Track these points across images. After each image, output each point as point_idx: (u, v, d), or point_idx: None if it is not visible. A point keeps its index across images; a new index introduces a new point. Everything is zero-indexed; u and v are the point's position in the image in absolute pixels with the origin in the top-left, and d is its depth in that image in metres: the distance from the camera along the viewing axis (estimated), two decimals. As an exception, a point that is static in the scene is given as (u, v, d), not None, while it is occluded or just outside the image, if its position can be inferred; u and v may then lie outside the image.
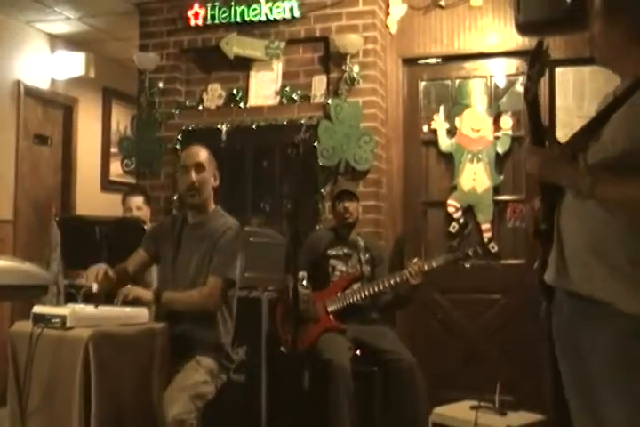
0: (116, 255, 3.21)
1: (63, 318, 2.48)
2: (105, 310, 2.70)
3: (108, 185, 6.54)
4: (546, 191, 1.89)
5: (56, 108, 6.10)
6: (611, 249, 1.72)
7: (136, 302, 2.85)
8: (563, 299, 1.86)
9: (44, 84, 5.84)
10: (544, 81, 4.51)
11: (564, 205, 1.85)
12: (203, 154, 3.04)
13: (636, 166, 1.66)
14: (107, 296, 2.84)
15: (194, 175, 2.98)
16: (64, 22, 5.55)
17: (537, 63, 1.87)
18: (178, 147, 4.85)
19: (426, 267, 3.58)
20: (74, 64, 5.83)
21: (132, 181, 5.24)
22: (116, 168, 6.45)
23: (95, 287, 2.74)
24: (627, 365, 1.68)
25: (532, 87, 1.89)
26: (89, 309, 2.68)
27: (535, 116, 1.89)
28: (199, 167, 3.00)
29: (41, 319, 2.55)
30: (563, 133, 4.33)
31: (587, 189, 1.70)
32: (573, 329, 1.82)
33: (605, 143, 1.75)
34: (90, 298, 2.83)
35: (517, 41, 4.56)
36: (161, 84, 5.01)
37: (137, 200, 4.38)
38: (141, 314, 2.77)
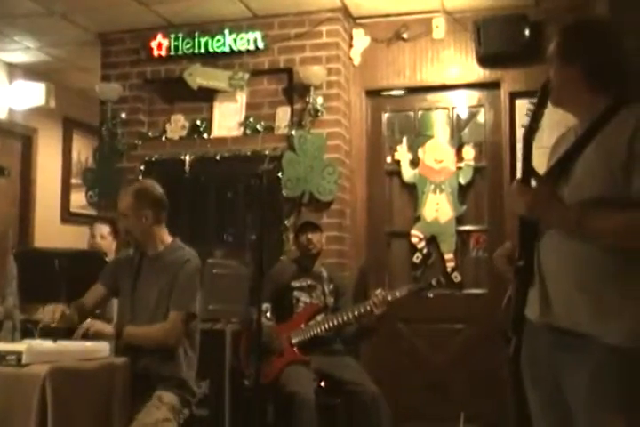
0: (75, 289, 3.15)
1: (19, 354, 2.40)
2: (64, 344, 2.63)
3: (68, 217, 6.43)
4: (524, 228, 1.91)
5: (14, 138, 6.00)
6: (597, 284, 1.77)
7: (97, 336, 2.78)
8: (540, 333, 1.87)
9: (1, 114, 5.75)
10: (505, 113, 4.60)
11: (544, 242, 1.88)
12: (123, 203, 3.04)
13: (613, 203, 1.73)
14: (66, 331, 2.77)
15: (121, 223, 3.10)
16: (23, 52, 5.48)
17: (543, 104, 1.91)
18: (140, 178, 4.80)
19: (389, 298, 3.58)
20: (33, 94, 5.73)
21: (94, 212, 5.15)
22: (77, 200, 6.35)
23: (53, 324, 2.68)
24: (606, 394, 1.72)
25: (536, 127, 1.93)
26: (47, 344, 2.60)
27: (528, 156, 1.93)
28: (123, 216, 3.05)
29: (-5, 356, 2.46)
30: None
31: (574, 224, 1.75)
32: (552, 361, 1.84)
33: (580, 184, 1.80)
34: (48, 333, 2.75)
35: (478, 73, 4.66)
36: (123, 115, 4.98)
37: (102, 228, 4.34)
38: (102, 348, 2.70)
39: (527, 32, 4.41)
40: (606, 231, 1.74)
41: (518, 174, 1.94)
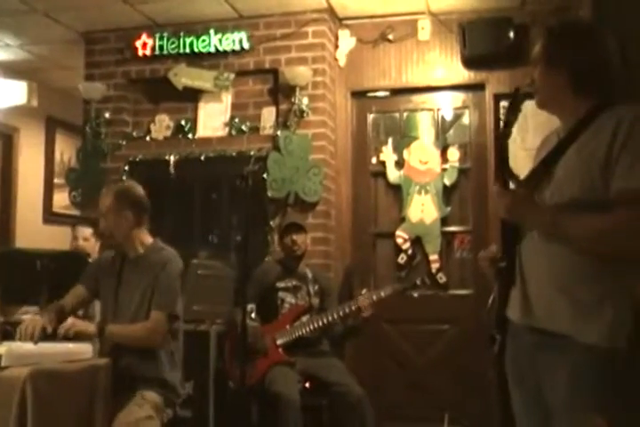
0: (58, 290, 3.11)
1: (-3, 357, 2.36)
2: (45, 346, 2.60)
3: (50, 217, 6.37)
4: (506, 231, 1.93)
5: (-5, 137, 5.95)
6: (577, 286, 1.79)
7: (79, 336, 2.75)
8: (522, 333, 1.90)
9: (-20, 113, 5.68)
10: (490, 114, 4.61)
11: (525, 244, 1.90)
12: (104, 202, 2.99)
13: (592, 206, 1.75)
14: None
15: (102, 223, 3.02)
16: (3, 49, 5.40)
17: (516, 109, 1.93)
18: (124, 178, 4.77)
19: (374, 297, 3.59)
20: (14, 93, 5.64)
21: (77, 213, 5.11)
22: (59, 200, 6.30)
23: (33, 343, 2.64)
24: (584, 393, 1.74)
25: (509, 132, 1.95)
26: (27, 346, 2.57)
27: (504, 159, 1.96)
28: (104, 216, 3.00)
29: (-26, 360, 2.42)
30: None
31: (551, 226, 1.78)
32: (533, 361, 1.86)
33: (561, 186, 1.83)
34: None
35: (463, 75, 4.67)
36: (107, 115, 4.94)
37: (85, 231, 4.31)
38: (84, 350, 2.67)
39: (512, 34, 4.42)
40: (580, 235, 1.76)
41: (496, 177, 1.96)
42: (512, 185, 1.94)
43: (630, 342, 1.74)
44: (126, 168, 4.83)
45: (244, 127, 4.73)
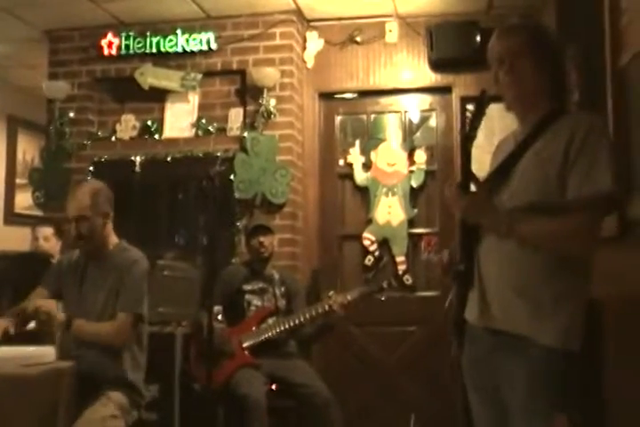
0: (21, 292, 3.06)
1: (-46, 362, 2.32)
2: (4, 350, 2.55)
3: (12, 218, 6.26)
4: (465, 233, 1.94)
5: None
6: (534, 288, 1.81)
7: (46, 321, 2.71)
8: (480, 335, 1.91)
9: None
10: (456, 117, 4.65)
11: (484, 247, 1.92)
12: (82, 204, 2.93)
13: (548, 209, 1.78)
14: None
15: (77, 228, 2.93)
16: (-40, 46, 5.31)
17: (481, 112, 1.91)
18: (89, 178, 4.71)
19: (340, 300, 3.58)
20: (-27, 91, 5.56)
21: (40, 213, 5.03)
22: (22, 200, 6.19)
23: None
24: (542, 393, 1.75)
25: (475, 136, 1.94)
26: (-13, 350, 2.52)
27: (467, 162, 1.96)
28: (80, 219, 2.93)
29: None
30: (474, 168, 4.44)
31: (505, 228, 1.80)
32: (491, 362, 1.88)
33: (518, 189, 1.85)
34: None
35: (431, 77, 4.70)
36: (72, 114, 4.87)
37: (45, 231, 4.25)
38: (46, 353, 2.63)
39: (478, 38, 4.47)
40: (534, 237, 1.79)
41: (458, 179, 1.97)
42: (473, 187, 1.95)
43: (586, 341, 1.77)
44: (91, 168, 4.77)
45: (210, 128, 4.70)
